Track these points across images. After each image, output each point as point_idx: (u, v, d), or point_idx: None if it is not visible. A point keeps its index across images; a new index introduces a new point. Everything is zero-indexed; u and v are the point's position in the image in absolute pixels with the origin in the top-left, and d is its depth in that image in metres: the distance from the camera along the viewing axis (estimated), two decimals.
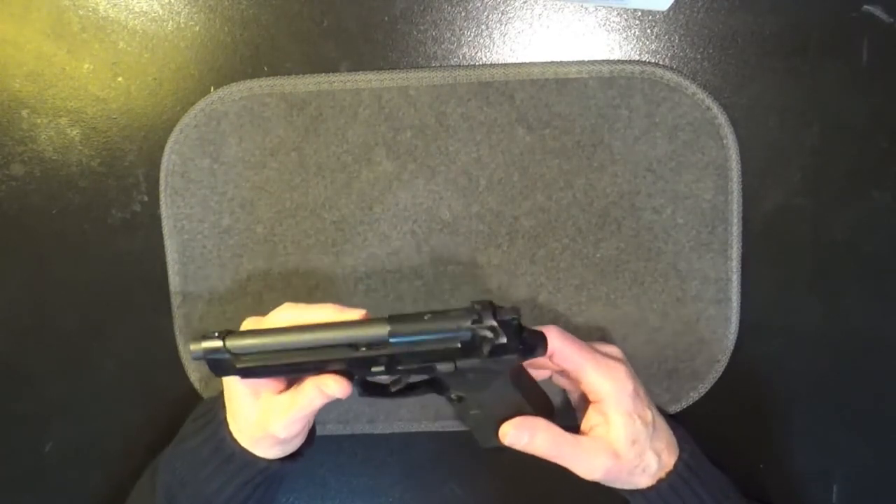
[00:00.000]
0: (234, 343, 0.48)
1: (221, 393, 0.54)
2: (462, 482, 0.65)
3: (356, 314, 0.49)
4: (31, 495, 0.65)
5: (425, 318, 0.47)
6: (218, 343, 0.48)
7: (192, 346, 0.48)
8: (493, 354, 0.47)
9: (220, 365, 0.49)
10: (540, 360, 0.51)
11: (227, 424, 0.53)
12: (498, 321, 0.47)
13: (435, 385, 0.52)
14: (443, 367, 0.48)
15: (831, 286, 0.61)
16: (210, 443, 0.53)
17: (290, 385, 0.52)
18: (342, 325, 0.48)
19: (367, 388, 0.52)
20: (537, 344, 0.49)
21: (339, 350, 0.48)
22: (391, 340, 0.47)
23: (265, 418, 0.50)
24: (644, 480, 0.52)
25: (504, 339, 0.47)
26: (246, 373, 0.49)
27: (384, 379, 0.51)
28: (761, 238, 0.60)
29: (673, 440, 0.53)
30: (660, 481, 0.52)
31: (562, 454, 0.51)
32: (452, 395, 0.51)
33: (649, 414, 0.52)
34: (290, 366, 0.49)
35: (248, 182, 0.60)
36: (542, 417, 0.52)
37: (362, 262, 0.61)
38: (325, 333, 0.48)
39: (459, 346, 0.47)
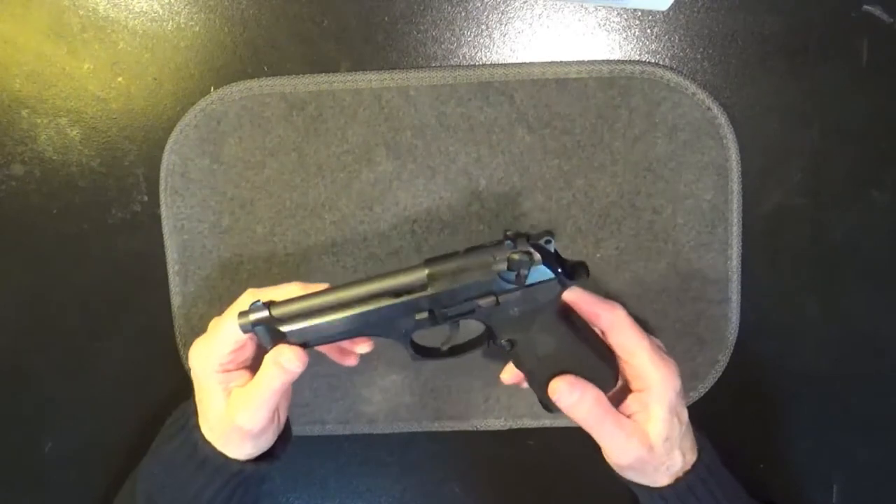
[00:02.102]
0: (279, 310, 0.49)
1: (192, 399, 0.54)
2: (462, 482, 0.65)
3: (321, 288, 0.50)
4: (31, 495, 0.65)
5: (460, 253, 0.49)
6: (264, 313, 0.49)
7: (241, 321, 0.49)
8: (530, 281, 0.48)
9: (269, 334, 0.49)
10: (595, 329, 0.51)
11: (199, 429, 0.52)
12: (532, 245, 0.47)
13: (484, 337, 0.52)
14: (484, 303, 0.49)
15: (831, 286, 0.61)
16: (184, 448, 0.53)
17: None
18: (381, 276, 0.49)
19: (419, 350, 0.52)
20: (577, 270, 0.49)
21: (382, 300, 0.49)
22: (430, 281, 0.48)
23: (231, 410, 0.50)
24: (664, 478, 0.52)
25: (539, 261, 0.47)
26: (296, 340, 0.49)
27: (431, 339, 0.51)
28: (761, 238, 0.60)
29: (694, 441, 0.53)
30: (677, 481, 0.51)
31: (601, 428, 0.50)
32: (503, 341, 0.51)
33: (685, 414, 0.52)
34: (334, 324, 0.49)
35: (248, 182, 0.60)
36: (604, 366, 0.51)
37: (362, 262, 0.61)
38: (365, 287, 0.49)
39: (498, 276, 0.48)
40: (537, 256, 0.47)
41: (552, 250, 0.48)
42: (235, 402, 0.51)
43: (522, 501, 0.65)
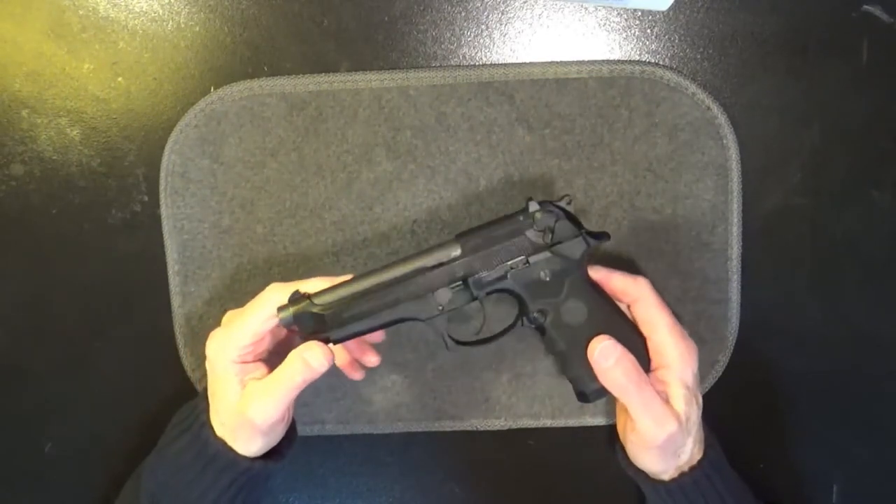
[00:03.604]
0: (320, 299, 0.50)
1: (202, 396, 0.54)
2: (462, 482, 0.65)
3: (346, 278, 0.51)
4: (31, 495, 0.65)
5: (487, 223, 0.52)
6: (305, 302, 0.50)
7: (282, 314, 0.50)
8: (557, 239, 0.51)
9: (311, 322, 0.50)
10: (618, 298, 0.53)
11: (209, 426, 0.52)
12: (553, 205, 0.52)
13: (517, 316, 0.54)
14: (514, 263, 0.51)
15: (831, 286, 0.61)
16: (192, 446, 0.53)
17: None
18: (413, 255, 0.51)
19: (456, 340, 0.54)
20: (600, 233, 0.53)
21: (418, 274, 0.51)
22: (462, 250, 0.51)
23: (245, 402, 0.50)
24: (671, 469, 0.51)
25: (564, 218, 0.51)
26: (336, 323, 0.50)
27: (464, 333, 0.54)
28: (761, 238, 0.60)
29: (702, 437, 0.53)
30: (682, 476, 0.52)
31: (641, 394, 0.49)
32: (535, 314, 0.52)
33: (700, 398, 0.52)
34: (374, 305, 0.51)
35: (248, 182, 0.60)
36: (636, 337, 0.52)
37: (362, 263, 0.61)
38: (399, 267, 0.51)
39: (525, 237, 0.51)
40: (560, 213, 0.51)
41: (571, 210, 0.52)
42: (250, 393, 0.50)
43: (522, 501, 0.65)
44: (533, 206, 0.51)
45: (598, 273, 0.53)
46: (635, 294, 0.51)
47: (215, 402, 0.52)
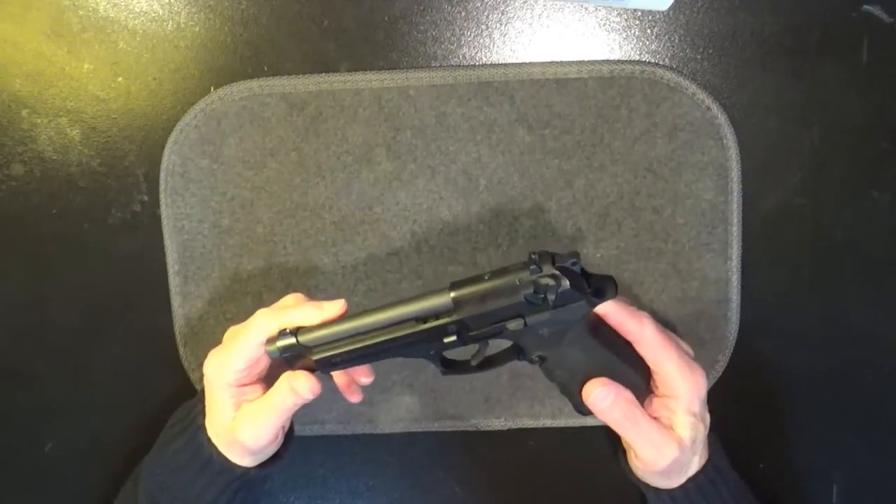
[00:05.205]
0: (305, 337, 0.50)
1: (199, 397, 0.54)
2: (462, 482, 0.65)
3: (336, 305, 0.50)
4: (31, 495, 0.65)
5: (485, 277, 0.48)
6: (291, 339, 0.49)
7: (268, 348, 0.50)
8: (559, 303, 0.47)
9: (297, 360, 0.50)
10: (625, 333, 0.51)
11: (204, 430, 0.53)
12: (558, 268, 0.46)
13: (514, 351, 0.52)
14: (512, 325, 0.48)
15: (831, 286, 0.61)
16: (189, 448, 0.53)
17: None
18: (406, 301, 0.49)
19: (448, 365, 0.52)
20: (605, 287, 0.48)
21: (407, 325, 0.49)
22: (456, 306, 0.48)
23: (237, 425, 0.51)
24: (678, 479, 0.52)
25: (567, 285, 0.46)
26: (324, 365, 0.50)
27: (460, 352, 0.51)
28: (761, 238, 0.60)
29: (706, 443, 0.53)
30: (688, 481, 0.52)
31: (638, 429, 0.49)
32: (534, 357, 0.50)
33: (708, 418, 0.52)
34: (362, 350, 0.49)
35: (248, 182, 0.60)
36: (635, 374, 0.50)
37: (362, 262, 0.61)
38: (390, 312, 0.49)
39: (524, 300, 0.47)
40: (564, 281, 0.46)
41: (579, 271, 0.47)
42: (242, 417, 0.51)
43: (522, 501, 0.65)
44: (534, 270, 0.47)
45: (601, 307, 0.50)
46: (637, 335, 0.50)
47: (211, 415, 0.52)
